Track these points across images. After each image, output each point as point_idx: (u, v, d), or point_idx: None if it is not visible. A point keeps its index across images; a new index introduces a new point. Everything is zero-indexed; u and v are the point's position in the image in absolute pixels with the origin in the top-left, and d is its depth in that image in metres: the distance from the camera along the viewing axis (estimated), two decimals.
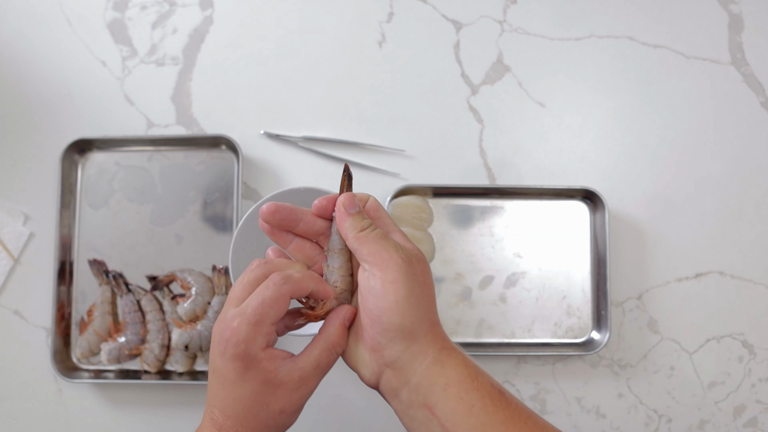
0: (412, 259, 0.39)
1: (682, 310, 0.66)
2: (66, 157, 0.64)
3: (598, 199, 0.64)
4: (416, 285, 0.38)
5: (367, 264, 0.38)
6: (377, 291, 0.37)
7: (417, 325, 0.38)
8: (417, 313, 0.38)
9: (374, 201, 0.42)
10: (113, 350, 0.62)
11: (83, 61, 0.68)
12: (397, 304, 0.37)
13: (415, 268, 0.38)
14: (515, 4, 0.69)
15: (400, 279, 0.37)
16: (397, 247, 0.39)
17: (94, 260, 0.65)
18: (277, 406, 0.39)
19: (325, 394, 0.64)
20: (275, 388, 0.38)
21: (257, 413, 0.39)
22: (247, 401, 0.38)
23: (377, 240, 0.38)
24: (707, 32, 0.69)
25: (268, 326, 0.38)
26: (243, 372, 0.38)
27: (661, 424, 0.65)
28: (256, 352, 0.38)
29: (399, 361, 0.38)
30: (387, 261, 0.38)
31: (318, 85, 0.68)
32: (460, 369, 0.38)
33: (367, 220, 0.40)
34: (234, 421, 0.39)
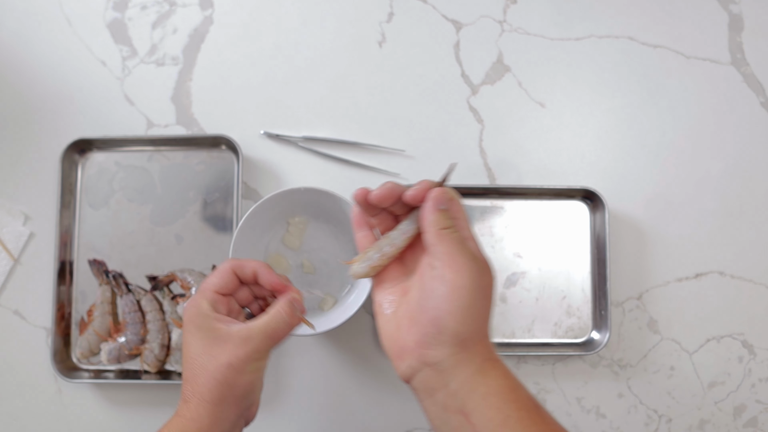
0: (483, 271, 0.39)
1: (682, 310, 0.66)
2: (66, 157, 0.64)
3: (598, 199, 0.64)
4: (481, 296, 0.38)
5: (439, 263, 0.39)
6: (442, 293, 0.38)
7: (471, 334, 0.38)
8: (474, 324, 0.38)
9: (458, 202, 0.42)
10: (113, 350, 0.62)
11: (83, 61, 0.68)
12: (459, 311, 0.37)
13: (483, 279, 0.39)
14: (515, 4, 0.69)
15: (468, 287, 0.38)
16: (472, 255, 0.39)
17: (94, 260, 0.65)
18: (224, 358, 0.42)
19: (326, 393, 0.64)
20: (223, 342, 0.43)
21: (206, 365, 0.42)
22: (198, 357, 0.43)
23: (455, 243, 0.39)
24: (707, 32, 0.69)
25: (211, 292, 0.45)
26: (195, 331, 0.43)
27: (661, 424, 0.65)
28: (204, 311, 0.44)
29: (442, 364, 0.38)
30: (460, 266, 0.38)
31: (318, 85, 0.68)
32: (501, 380, 0.38)
33: (450, 220, 0.40)
34: (191, 381, 0.43)
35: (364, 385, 0.64)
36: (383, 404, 0.64)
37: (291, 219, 0.63)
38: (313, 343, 0.64)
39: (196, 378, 0.43)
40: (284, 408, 0.64)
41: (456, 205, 0.42)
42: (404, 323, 0.40)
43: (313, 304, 0.62)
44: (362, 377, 0.64)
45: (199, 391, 0.42)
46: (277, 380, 0.64)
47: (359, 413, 0.64)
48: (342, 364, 0.64)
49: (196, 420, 0.42)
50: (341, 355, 0.64)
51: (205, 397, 0.42)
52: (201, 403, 0.42)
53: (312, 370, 0.64)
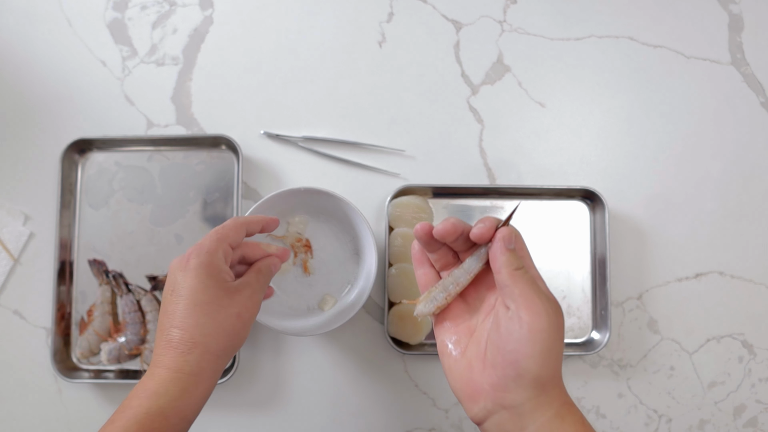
0: (558, 312, 0.39)
1: (682, 310, 0.66)
2: (66, 157, 0.64)
3: (598, 199, 0.64)
4: (557, 338, 0.38)
5: (515, 305, 0.38)
6: (522, 336, 0.37)
7: (550, 377, 0.38)
8: (554, 366, 0.38)
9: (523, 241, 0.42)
10: (113, 350, 0.62)
11: (83, 61, 0.68)
12: (540, 354, 0.37)
13: (559, 320, 0.38)
14: (515, 4, 0.69)
15: (547, 329, 0.37)
16: (546, 296, 0.39)
17: (94, 260, 0.65)
18: (234, 309, 0.42)
19: (326, 393, 0.64)
20: (233, 293, 0.43)
21: (216, 316, 0.41)
22: (208, 306, 0.41)
23: (529, 284, 0.39)
24: (707, 32, 0.69)
25: (227, 245, 0.44)
26: (206, 278, 0.42)
27: (661, 424, 0.65)
28: (218, 262, 0.43)
29: (521, 407, 0.37)
30: (538, 308, 0.38)
31: (318, 85, 0.68)
32: (578, 426, 0.38)
33: (520, 260, 0.40)
34: (192, 331, 0.41)
35: (364, 385, 0.64)
36: (383, 404, 0.64)
37: (291, 219, 0.63)
38: (314, 343, 0.64)
39: (201, 327, 0.41)
40: (284, 408, 0.64)
41: (522, 244, 0.42)
42: (476, 365, 0.40)
43: (313, 304, 0.62)
44: (362, 377, 0.64)
45: (203, 342, 0.40)
46: (277, 380, 0.64)
47: (359, 413, 0.64)
48: (342, 364, 0.64)
49: (198, 374, 0.40)
50: (341, 355, 0.64)
51: (210, 347, 0.41)
52: (205, 355, 0.40)
53: (312, 370, 0.64)
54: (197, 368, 0.40)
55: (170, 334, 0.41)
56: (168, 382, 0.40)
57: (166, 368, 0.40)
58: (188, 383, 0.40)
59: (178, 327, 0.41)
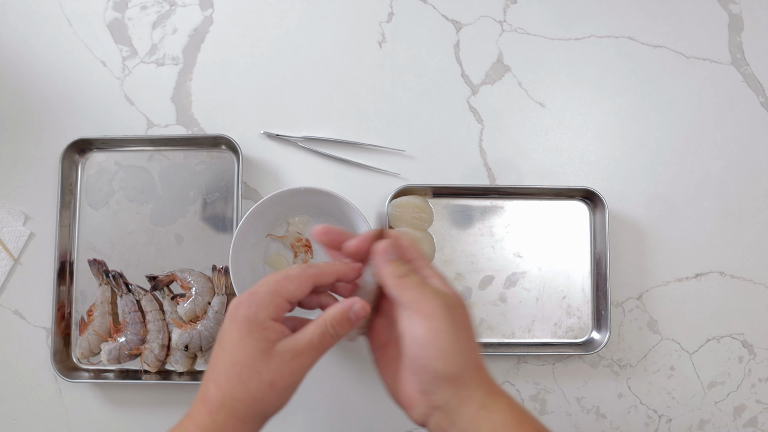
0: (453, 305, 0.39)
1: (682, 310, 0.66)
2: (66, 157, 0.64)
3: (598, 199, 0.64)
4: (459, 330, 0.38)
5: (408, 312, 0.39)
6: (423, 340, 0.38)
7: (464, 370, 0.38)
8: (463, 359, 0.38)
9: (407, 240, 0.42)
10: (113, 350, 0.62)
11: (83, 61, 0.68)
12: (443, 353, 0.38)
13: (456, 313, 0.39)
14: (515, 4, 0.69)
15: (444, 327, 0.38)
16: (437, 294, 0.39)
17: (94, 260, 0.65)
18: (269, 377, 0.39)
19: (326, 393, 0.64)
20: (270, 358, 0.39)
21: (248, 381, 0.39)
22: (241, 367, 0.39)
23: (417, 287, 0.39)
24: (707, 32, 0.69)
25: (283, 300, 0.40)
26: (246, 335, 0.39)
27: (661, 424, 0.65)
28: (263, 318, 0.39)
29: (447, 405, 0.38)
30: (429, 309, 0.38)
31: (318, 85, 0.68)
32: (505, 414, 0.38)
33: (405, 266, 0.40)
34: (224, 390, 0.39)
35: (364, 385, 0.64)
36: (383, 404, 0.64)
37: (291, 219, 0.63)
38: None
39: (231, 389, 0.39)
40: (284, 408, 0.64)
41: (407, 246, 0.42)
42: (404, 375, 0.41)
43: None
44: (362, 377, 0.64)
45: (231, 405, 0.39)
46: None
47: (359, 413, 0.64)
48: (342, 364, 0.64)
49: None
50: (341, 356, 0.64)
51: (239, 413, 0.39)
52: (229, 419, 0.39)
53: (312, 370, 0.64)
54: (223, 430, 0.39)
55: (207, 387, 0.40)
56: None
57: (195, 424, 0.39)
58: None
59: (215, 383, 0.39)
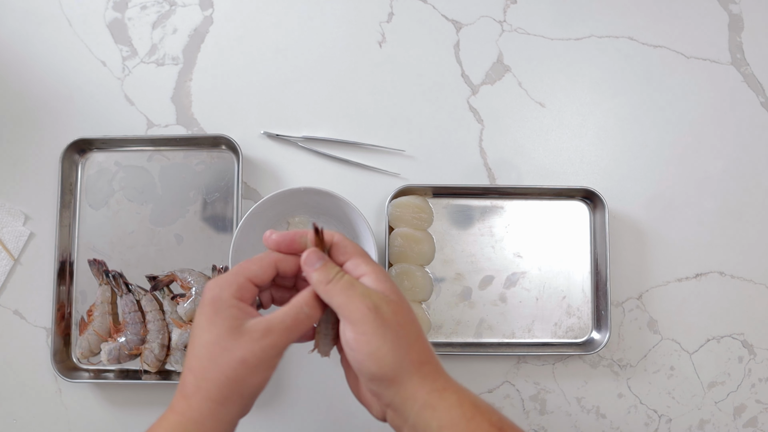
0: (381, 305, 0.38)
1: (682, 310, 0.66)
2: (66, 157, 0.64)
3: (598, 199, 0.64)
4: (388, 331, 0.38)
5: (340, 316, 0.39)
6: (352, 344, 0.38)
7: (398, 370, 0.38)
8: (395, 359, 0.38)
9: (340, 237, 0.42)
10: (113, 350, 0.62)
11: (83, 61, 0.68)
12: (372, 356, 0.38)
13: (383, 313, 0.38)
14: (515, 4, 0.69)
15: (369, 330, 0.38)
16: (364, 294, 0.39)
17: (94, 260, 0.65)
18: (239, 353, 0.38)
19: (326, 394, 0.64)
20: (240, 335, 0.38)
21: (218, 359, 0.38)
22: (210, 346, 0.38)
23: (343, 290, 0.39)
24: (707, 32, 0.69)
25: (245, 279, 0.40)
26: (212, 316, 0.39)
27: (661, 424, 0.65)
28: (227, 296, 0.39)
29: (393, 404, 0.39)
30: (354, 313, 0.38)
31: (318, 85, 0.68)
32: (453, 411, 0.38)
33: (333, 268, 0.40)
34: (196, 373, 0.38)
35: None
36: None
37: (291, 219, 0.63)
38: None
39: (203, 371, 0.38)
40: (284, 408, 0.64)
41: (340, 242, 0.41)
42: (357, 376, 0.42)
43: None
44: None
45: (205, 387, 0.38)
46: (277, 380, 0.64)
47: (359, 413, 0.64)
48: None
49: (197, 421, 0.38)
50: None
51: (211, 394, 0.38)
52: (204, 401, 0.38)
53: (312, 370, 0.64)
54: (199, 415, 0.38)
55: (183, 375, 0.39)
56: (173, 426, 0.38)
57: (174, 412, 0.39)
58: (189, 429, 0.38)
59: (188, 369, 0.39)
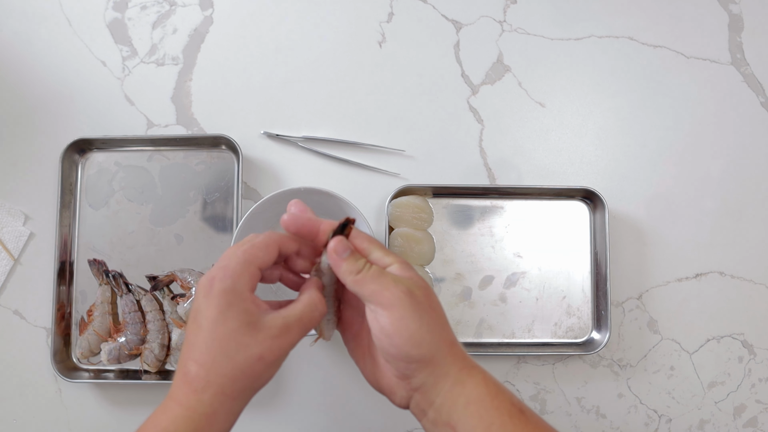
0: (414, 289, 0.39)
1: (682, 310, 0.66)
2: (66, 157, 0.64)
3: (598, 199, 0.64)
4: (424, 313, 0.39)
5: (372, 304, 0.39)
6: (389, 330, 0.38)
7: (435, 350, 0.39)
8: (432, 340, 0.39)
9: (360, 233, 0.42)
10: (113, 350, 0.62)
11: (83, 61, 0.68)
12: (411, 339, 0.38)
13: (417, 297, 0.39)
14: (515, 4, 0.69)
15: (407, 314, 0.38)
16: (396, 281, 0.39)
17: (94, 260, 0.65)
18: (256, 351, 0.37)
19: (326, 393, 0.64)
20: (256, 331, 0.37)
21: (234, 356, 0.37)
22: (225, 341, 0.37)
23: (375, 279, 0.39)
24: (707, 32, 0.69)
25: (256, 268, 0.39)
26: (225, 308, 0.37)
27: (661, 424, 0.65)
28: (242, 289, 0.38)
29: (425, 385, 0.39)
30: (390, 299, 0.38)
31: (318, 85, 0.68)
32: (480, 388, 0.39)
33: (361, 260, 0.40)
34: (208, 368, 0.37)
35: (364, 385, 0.64)
36: (383, 404, 0.64)
37: None
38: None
39: (217, 366, 0.37)
40: (284, 408, 0.64)
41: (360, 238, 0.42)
42: (380, 362, 0.42)
43: None
44: (362, 377, 0.64)
45: (218, 383, 0.37)
46: (278, 380, 0.64)
47: (359, 413, 0.64)
48: (342, 364, 0.64)
49: (209, 415, 0.37)
50: (341, 356, 0.64)
51: (226, 389, 0.37)
52: (217, 396, 0.37)
53: (312, 370, 0.64)
54: (210, 409, 0.37)
55: (187, 366, 0.38)
56: (180, 420, 0.37)
57: (180, 405, 0.37)
58: (200, 423, 0.37)
59: (196, 361, 0.37)
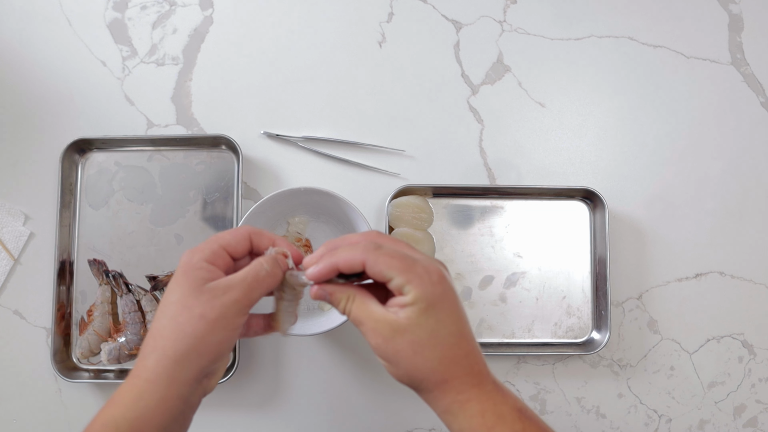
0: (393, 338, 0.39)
1: (682, 310, 0.66)
2: (66, 157, 0.64)
3: (598, 199, 0.64)
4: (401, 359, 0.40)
5: None
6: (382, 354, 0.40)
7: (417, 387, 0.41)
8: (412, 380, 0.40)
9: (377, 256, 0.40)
10: (113, 350, 0.62)
11: (83, 61, 0.68)
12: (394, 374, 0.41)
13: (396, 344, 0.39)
14: (515, 4, 0.69)
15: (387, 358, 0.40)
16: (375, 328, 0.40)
17: (94, 260, 0.65)
18: (199, 310, 0.38)
19: (326, 394, 0.64)
20: (200, 293, 0.39)
21: (177, 317, 0.38)
22: (173, 306, 0.39)
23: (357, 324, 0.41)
24: (707, 32, 0.69)
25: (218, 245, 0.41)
26: (180, 278, 0.39)
27: (661, 424, 0.65)
28: (197, 260, 0.40)
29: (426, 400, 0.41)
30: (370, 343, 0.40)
31: (318, 85, 0.68)
32: (474, 420, 0.39)
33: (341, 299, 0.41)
34: (154, 333, 0.39)
35: (364, 386, 0.64)
36: (383, 404, 0.64)
37: (291, 219, 0.63)
38: (314, 343, 0.64)
39: (162, 329, 0.38)
40: (284, 408, 0.64)
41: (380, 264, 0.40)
42: None
43: (313, 304, 0.62)
44: (362, 377, 0.64)
45: (161, 345, 0.38)
46: (278, 380, 0.64)
47: (359, 413, 0.64)
48: (342, 364, 0.64)
49: (152, 381, 0.38)
50: (341, 356, 0.64)
51: (167, 351, 0.38)
52: (161, 359, 0.38)
53: (312, 370, 0.64)
54: (153, 374, 0.38)
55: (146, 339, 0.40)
56: (125, 390, 0.38)
57: (132, 375, 0.38)
58: (143, 390, 0.38)
59: (149, 332, 0.40)
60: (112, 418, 0.38)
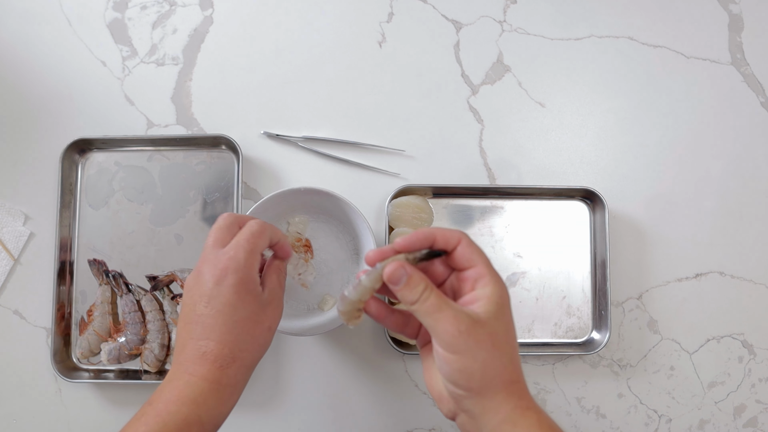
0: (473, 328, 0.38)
1: (682, 310, 0.66)
2: (66, 157, 0.64)
3: (598, 199, 0.64)
4: (482, 350, 0.38)
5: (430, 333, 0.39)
6: (443, 358, 0.39)
7: (487, 385, 0.39)
8: (485, 376, 0.38)
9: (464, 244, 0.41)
10: (113, 350, 0.62)
11: (83, 61, 0.68)
12: (462, 371, 0.38)
13: (476, 335, 0.38)
14: (515, 4, 0.69)
15: (461, 350, 0.38)
16: (455, 317, 0.38)
17: (94, 260, 0.65)
18: (267, 323, 0.44)
19: (326, 393, 0.64)
20: (265, 307, 0.44)
21: (253, 331, 0.43)
22: (246, 322, 0.43)
23: (430, 314, 0.39)
24: (707, 32, 0.69)
25: (259, 255, 0.44)
26: (244, 294, 0.42)
27: (661, 424, 0.65)
28: (254, 276, 0.44)
29: (471, 412, 0.39)
30: (443, 335, 0.38)
31: (318, 85, 0.68)
32: (532, 430, 0.38)
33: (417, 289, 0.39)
34: (232, 347, 0.42)
35: (364, 385, 0.64)
36: (383, 404, 0.64)
37: (291, 219, 0.63)
38: (314, 343, 0.64)
39: (241, 343, 0.42)
40: (284, 408, 0.64)
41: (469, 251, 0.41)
42: (438, 374, 0.42)
43: (313, 304, 0.62)
44: (362, 377, 0.64)
45: (241, 357, 0.42)
46: (278, 380, 0.64)
47: (359, 413, 0.64)
48: (342, 364, 0.64)
49: (234, 386, 0.43)
50: (341, 356, 0.64)
51: (247, 362, 0.43)
52: (241, 369, 0.43)
53: (312, 370, 0.64)
54: (234, 380, 0.42)
55: (206, 346, 0.42)
56: (207, 393, 0.41)
57: (204, 379, 0.41)
58: (225, 394, 0.42)
59: (215, 341, 0.42)
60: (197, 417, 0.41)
